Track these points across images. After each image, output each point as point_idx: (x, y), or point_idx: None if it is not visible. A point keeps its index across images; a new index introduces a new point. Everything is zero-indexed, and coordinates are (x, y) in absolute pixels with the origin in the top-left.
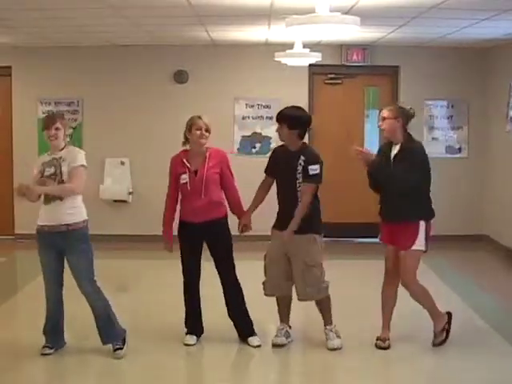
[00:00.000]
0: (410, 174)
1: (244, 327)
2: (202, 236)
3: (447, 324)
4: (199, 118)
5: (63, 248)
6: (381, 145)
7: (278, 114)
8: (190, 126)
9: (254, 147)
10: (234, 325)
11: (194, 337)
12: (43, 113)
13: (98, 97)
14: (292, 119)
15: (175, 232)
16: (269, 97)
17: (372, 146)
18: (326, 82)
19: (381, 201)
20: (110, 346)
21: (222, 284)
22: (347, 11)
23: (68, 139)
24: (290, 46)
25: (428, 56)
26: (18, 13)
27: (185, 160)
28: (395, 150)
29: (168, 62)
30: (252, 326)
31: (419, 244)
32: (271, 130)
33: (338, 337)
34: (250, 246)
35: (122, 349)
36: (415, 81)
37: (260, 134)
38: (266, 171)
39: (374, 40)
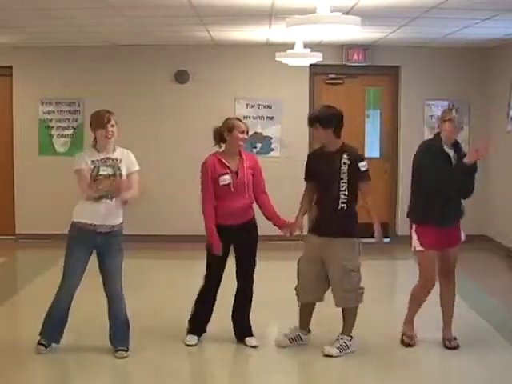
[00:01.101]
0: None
1: (244, 329)
2: (234, 238)
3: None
4: (240, 120)
5: (102, 247)
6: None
7: (309, 117)
8: (231, 127)
9: (255, 147)
10: (235, 326)
11: (196, 337)
12: (44, 113)
13: (99, 97)
14: (323, 118)
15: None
16: (269, 97)
17: (372, 145)
18: (327, 82)
19: (442, 206)
20: (109, 345)
21: (239, 284)
22: (348, 11)
23: (69, 139)
24: (291, 46)
25: (429, 56)
26: (18, 13)
27: (224, 160)
28: (451, 152)
29: (169, 62)
30: (251, 328)
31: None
32: (272, 130)
33: (341, 348)
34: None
35: (125, 350)
36: (416, 81)
37: (261, 133)
38: (306, 178)
39: (375, 40)
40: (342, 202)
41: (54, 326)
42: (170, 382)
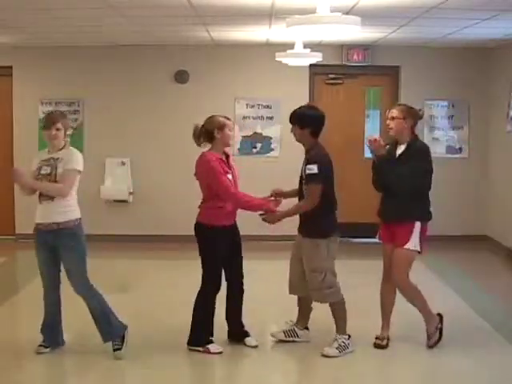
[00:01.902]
0: (414, 174)
1: (242, 329)
2: (233, 236)
3: (440, 324)
4: (227, 118)
5: (55, 247)
6: (388, 144)
7: (290, 114)
8: (223, 126)
9: (255, 147)
10: (231, 326)
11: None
12: (44, 113)
13: (99, 97)
14: (302, 117)
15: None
16: (269, 97)
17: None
18: (327, 82)
19: (381, 199)
20: (110, 345)
21: (233, 282)
22: (348, 11)
23: (68, 139)
24: (291, 46)
25: (429, 56)
26: (18, 13)
27: (223, 159)
28: (400, 149)
29: (169, 62)
30: (244, 327)
31: (413, 244)
32: (272, 130)
33: (340, 348)
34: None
35: (120, 349)
36: (416, 81)
37: (261, 134)
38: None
39: (375, 40)
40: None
41: (48, 330)
42: (170, 382)
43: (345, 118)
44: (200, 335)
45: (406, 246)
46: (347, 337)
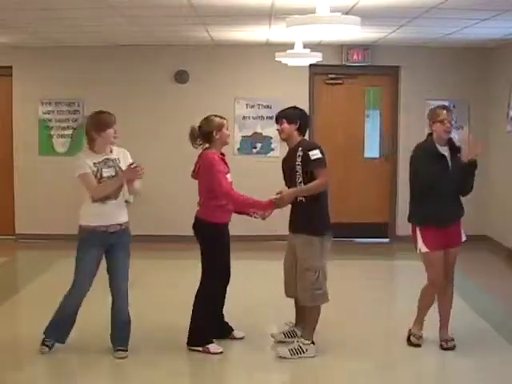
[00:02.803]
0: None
1: (226, 324)
2: (227, 236)
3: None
4: (223, 117)
5: (112, 247)
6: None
7: (277, 114)
8: (221, 126)
9: (255, 147)
10: (221, 323)
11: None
12: (44, 113)
13: (99, 97)
14: (289, 114)
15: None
16: (269, 97)
17: (372, 146)
18: (327, 82)
19: (438, 206)
20: (110, 345)
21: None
22: (348, 11)
23: (69, 139)
24: (291, 46)
25: (428, 56)
26: (18, 13)
27: (223, 158)
28: (445, 151)
29: (168, 62)
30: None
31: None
32: (272, 130)
33: (293, 351)
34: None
35: (125, 350)
36: (416, 81)
37: (261, 134)
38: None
39: (375, 40)
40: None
41: (61, 327)
42: (169, 382)
43: (345, 118)
44: (200, 335)
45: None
46: (309, 342)
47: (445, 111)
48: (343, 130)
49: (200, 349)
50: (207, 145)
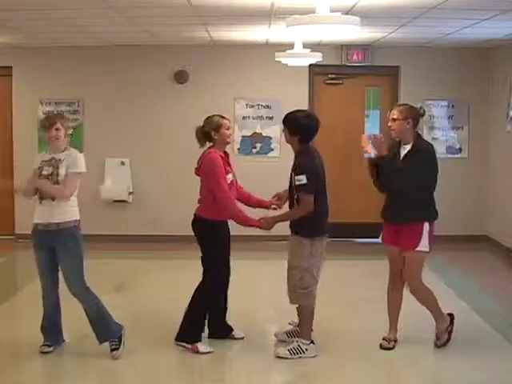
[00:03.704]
0: (420, 172)
1: (226, 324)
2: (228, 233)
3: (450, 325)
4: (224, 117)
5: (54, 247)
6: (389, 144)
7: (285, 116)
8: (219, 126)
9: (255, 147)
10: (217, 323)
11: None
12: (43, 113)
13: (99, 97)
14: (294, 124)
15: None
16: (269, 97)
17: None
18: (327, 82)
19: (385, 201)
20: (108, 345)
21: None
22: (347, 11)
23: (68, 139)
24: (291, 46)
25: (428, 56)
26: (18, 13)
27: (224, 157)
28: (405, 150)
29: (168, 62)
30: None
31: (423, 245)
32: (272, 130)
33: (293, 351)
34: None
35: (118, 349)
36: (415, 81)
37: (260, 134)
38: None
39: (375, 40)
40: (295, 199)
41: (48, 329)
42: (168, 383)
43: (344, 118)
44: (191, 331)
45: (417, 248)
46: (308, 342)
47: (392, 110)
48: (343, 130)
49: (188, 346)
50: (211, 144)
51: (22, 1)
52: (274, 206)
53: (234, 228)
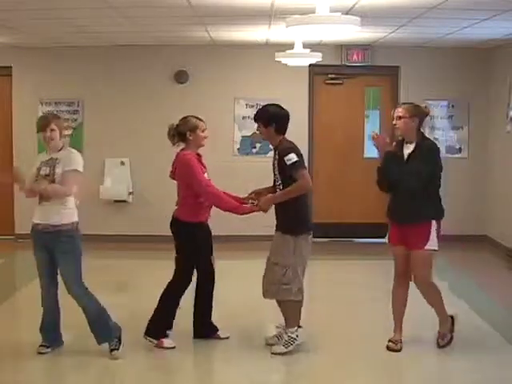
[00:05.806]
0: (426, 174)
1: (212, 325)
2: (208, 235)
3: (452, 325)
4: (200, 119)
5: (52, 248)
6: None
7: (254, 114)
8: (195, 127)
9: (255, 147)
10: (202, 324)
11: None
12: (43, 113)
13: (98, 97)
14: (266, 115)
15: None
16: (269, 97)
17: (372, 146)
18: (327, 82)
19: (391, 201)
20: (107, 345)
21: (201, 283)
22: (347, 11)
23: (66, 139)
24: (291, 46)
25: (428, 56)
26: (18, 13)
27: (200, 158)
28: (409, 149)
29: (168, 62)
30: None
31: (432, 243)
32: None
33: (287, 344)
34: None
35: (117, 349)
36: (415, 81)
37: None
38: None
39: (375, 40)
40: (291, 180)
41: (47, 330)
42: (166, 382)
43: (344, 118)
44: (158, 327)
45: (426, 247)
46: (295, 329)
47: (397, 108)
48: (343, 129)
49: (155, 341)
50: (183, 144)
51: (22, 1)
52: (251, 201)
53: (229, 228)
